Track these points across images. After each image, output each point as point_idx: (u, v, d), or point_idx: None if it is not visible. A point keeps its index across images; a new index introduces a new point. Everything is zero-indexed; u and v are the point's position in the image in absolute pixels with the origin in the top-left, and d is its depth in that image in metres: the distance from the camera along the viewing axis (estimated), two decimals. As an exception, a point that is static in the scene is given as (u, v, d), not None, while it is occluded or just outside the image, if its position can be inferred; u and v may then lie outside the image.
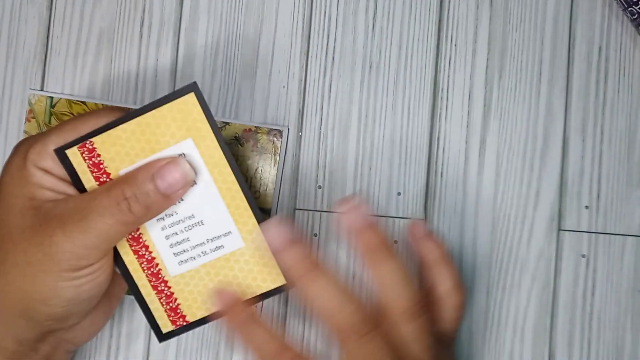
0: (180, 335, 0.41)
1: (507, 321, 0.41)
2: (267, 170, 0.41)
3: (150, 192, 0.32)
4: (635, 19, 0.41)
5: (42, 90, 0.42)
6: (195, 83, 0.32)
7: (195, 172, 0.33)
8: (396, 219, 0.42)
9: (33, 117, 0.42)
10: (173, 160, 0.32)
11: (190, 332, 0.41)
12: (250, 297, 0.35)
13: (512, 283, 0.41)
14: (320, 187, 0.42)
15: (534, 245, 0.41)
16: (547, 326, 0.41)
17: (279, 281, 0.35)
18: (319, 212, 0.42)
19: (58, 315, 0.33)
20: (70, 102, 0.42)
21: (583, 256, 0.41)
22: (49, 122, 0.42)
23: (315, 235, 0.41)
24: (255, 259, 0.35)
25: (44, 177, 0.32)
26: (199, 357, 0.41)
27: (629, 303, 0.41)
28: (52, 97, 0.42)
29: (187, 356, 0.41)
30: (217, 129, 0.33)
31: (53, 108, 0.42)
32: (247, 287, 0.35)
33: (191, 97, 0.32)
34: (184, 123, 0.32)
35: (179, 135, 0.33)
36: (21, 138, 0.42)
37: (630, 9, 0.40)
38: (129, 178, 0.32)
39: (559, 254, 0.41)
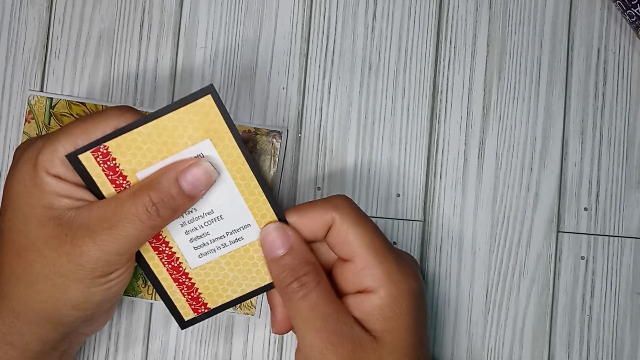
0: (179, 337, 0.41)
1: (506, 323, 0.41)
2: (266, 172, 0.41)
3: (176, 195, 0.32)
4: (634, 21, 0.41)
5: (41, 91, 0.42)
6: (212, 85, 0.32)
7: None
8: (395, 221, 0.42)
9: (32, 118, 0.42)
10: (196, 162, 0.33)
11: (189, 333, 0.41)
12: (270, 281, 0.36)
13: (511, 285, 0.41)
14: (319, 188, 0.42)
15: (533, 247, 0.41)
16: (546, 328, 0.41)
17: None
18: (318, 214, 0.42)
19: (87, 317, 0.34)
20: (69, 103, 0.42)
21: (582, 258, 0.41)
22: (49, 123, 0.42)
23: (315, 236, 0.41)
24: None
25: (59, 184, 0.32)
26: (197, 358, 0.41)
27: (627, 305, 0.41)
28: (51, 98, 0.42)
29: (186, 357, 0.41)
30: (235, 129, 0.33)
31: (53, 109, 0.42)
32: (266, 273, 0.36)
33: (208, 100, 0.32)
34: (201, 125, 0.32)
35: (196, 136, 0.33)
36: (20, 139, 0.42)
37: (629, 11, 0.41)
38: (153, 183, 0.32)
39: (558, 255, 0.41)
